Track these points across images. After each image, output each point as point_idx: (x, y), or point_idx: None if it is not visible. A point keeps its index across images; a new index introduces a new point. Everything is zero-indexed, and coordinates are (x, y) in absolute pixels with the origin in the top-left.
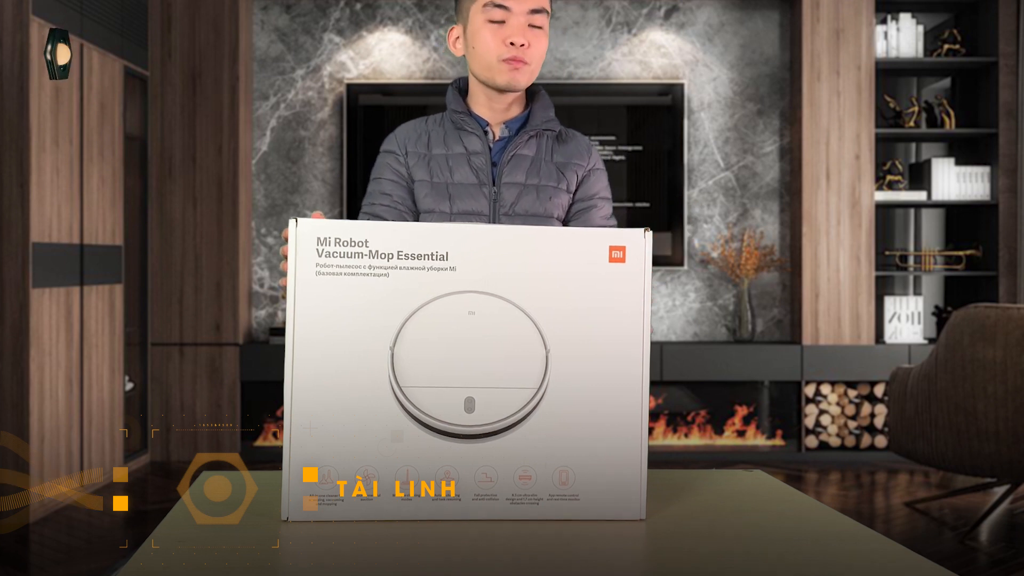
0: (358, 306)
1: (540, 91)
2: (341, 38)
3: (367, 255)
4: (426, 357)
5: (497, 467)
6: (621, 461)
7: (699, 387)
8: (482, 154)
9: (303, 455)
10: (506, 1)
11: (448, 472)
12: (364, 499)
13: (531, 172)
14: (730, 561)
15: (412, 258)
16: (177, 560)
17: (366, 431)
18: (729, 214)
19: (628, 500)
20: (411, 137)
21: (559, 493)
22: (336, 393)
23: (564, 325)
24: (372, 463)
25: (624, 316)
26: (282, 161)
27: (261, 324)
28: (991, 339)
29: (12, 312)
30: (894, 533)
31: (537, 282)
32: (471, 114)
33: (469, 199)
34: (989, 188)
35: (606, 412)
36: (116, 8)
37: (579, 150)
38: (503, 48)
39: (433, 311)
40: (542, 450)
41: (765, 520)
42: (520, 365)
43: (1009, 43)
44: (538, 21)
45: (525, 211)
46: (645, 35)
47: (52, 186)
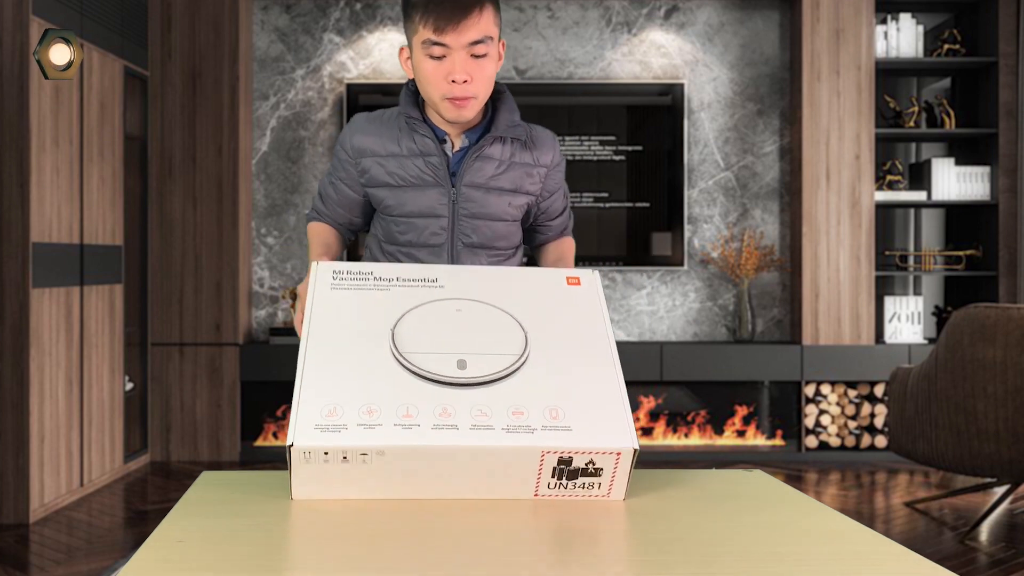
0: (364, 306)
1: (503, 92)
2: (341, 38)
3: (371, 278)
4: (422, 332)
5: (491, 406)
6: (605, 399)
7: (699, 387)
8: (437, 155)
9: (312, 394)
10: (443, 39)
11: (445, 408)
12: (367, 427)
13: (495, 174)
14: (730, 561)
15: (408, 281)
16: (177, 560)
17: (370, 380)
18: (729, 214)
19: (619, 431)
20: (366, 135)
21: (551, 425)
22: (344, 360)
23: (537, 316)
24: (375, 400)
25: (585, 304)
26: (282, 161)
27: (261, 324)
28: (991, 339)
29: (12, 312)
30: (894, 533)
31: (513, 294)
32: (426, 121)
33: (426, 200)
34: (989, 188)
35: (584, 364)
36: (116, 8)
37: (544, 150)
38: (445, 86)
39: (427, 309)
40: (531, 394)
41: (765, 520)
42: (503, 337)
43: (1009, 43)
44: (480, 51)
45: (486, 213)
46: (645, 35)
47: (52, 186)
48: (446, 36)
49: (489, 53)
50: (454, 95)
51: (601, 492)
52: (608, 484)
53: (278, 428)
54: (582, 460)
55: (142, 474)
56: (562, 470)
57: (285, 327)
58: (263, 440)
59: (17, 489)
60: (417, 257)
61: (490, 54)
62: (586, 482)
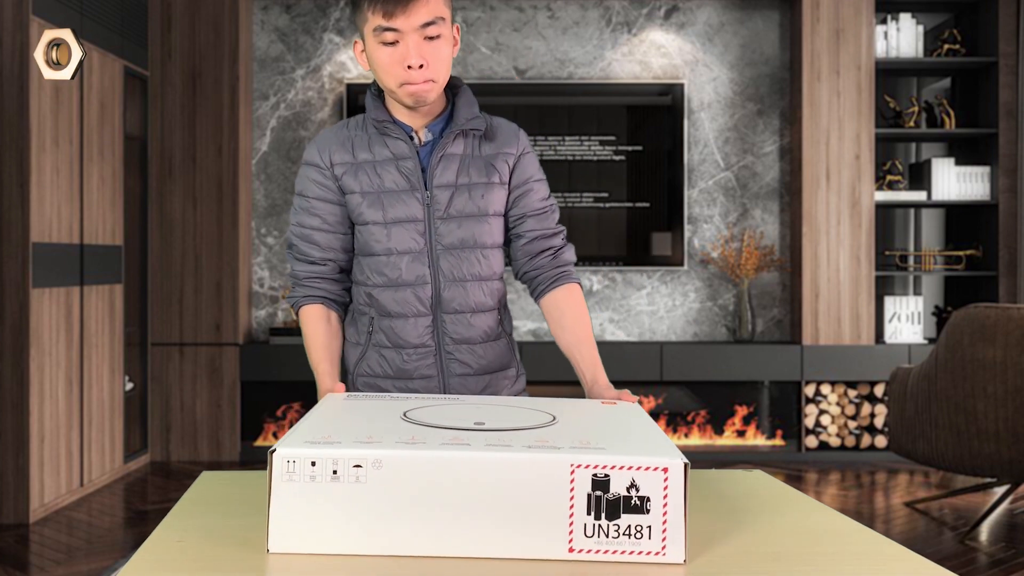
0: (378, 404)
1: (461, 86)
2: (341, 38)
3: (387, 398)
4: (437, 412)
5: (511, 438)
6: (643, 430)
7: (699, 387)
8: (410, 158)
9: (307, 425)
10: (394, 23)
11: (457, 436)
12: (364, 443)
13: (461, 171)
14: (730, 561)
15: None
16: (177, 560)
17: (375, 422)
18: (729, 214)
19: (661, 450)
20: (334, 145)
21: (581, 446)
22: (351, 413)
23: (568, 408)
24: (376, 431)
25: (625, 410)
26: (282, 161)
27: (261, 324)
28: (991, 339)
29: (12, 312)
30: (894, 533)
31: (542, 403)
32: (394, 120)
33: (402, 205)
34: (989, 188)
35: (614, 418)
36: (116, 8)
37: (507, 139)
38: (401, 72)
39: (446, 402)
40: (557, 432)
41: (765, 520)
42: (528, 415)
43: (1009, 43)
44: (432, 31)
45: (460, 212)
46: (645, 35)
47: (52, 186)
48: (396, 20)
49: (443, 35)
50: (411, 80)
51: (653, 546)
52: (660, 527)
53: (278, 428)
54: (622, 483)
55: (142, 474)
56: (599, 499)
57: (285, 327)
58: (263, 440)
59: (17, 489)
60: (398, 265)
61: (444, 36)
62: (632, 524)
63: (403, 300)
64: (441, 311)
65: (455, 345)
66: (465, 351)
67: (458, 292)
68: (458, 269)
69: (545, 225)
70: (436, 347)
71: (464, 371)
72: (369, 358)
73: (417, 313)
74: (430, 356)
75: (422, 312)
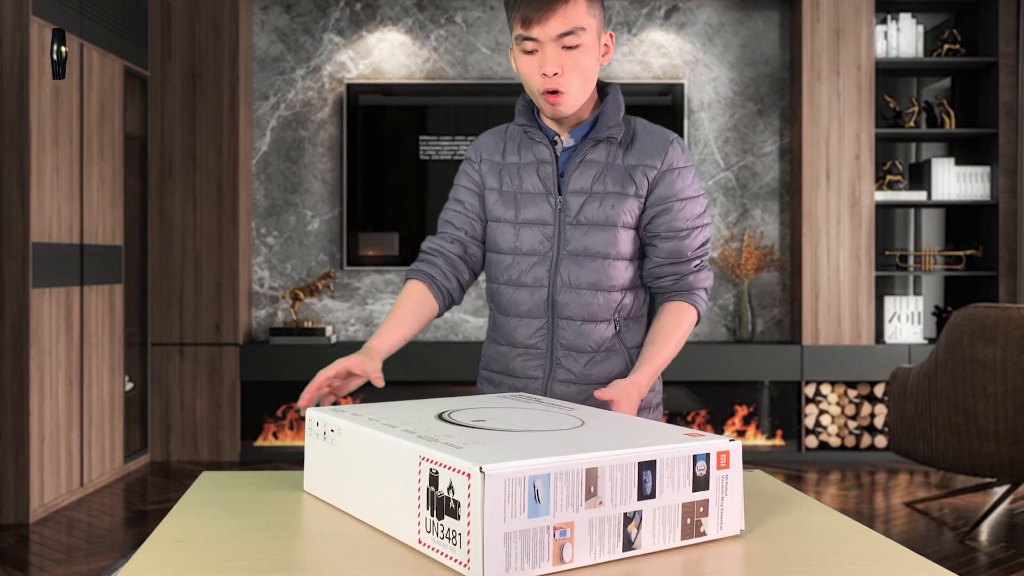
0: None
1: (611, 91)
2: (341, 38)
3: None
4: (476, 411)
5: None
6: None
7: (699, 387)
8: (549, 163)
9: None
10: (532, 32)
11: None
12: (347, 416)
13: (597, 179)
14: (729, 561)
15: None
16: (177, 560)
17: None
18: (729, 214)
19: (497, 456)
20: (489, 145)
21: (469, 443)
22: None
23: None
24: (382, 416)
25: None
26: (282, 161)
27: (261, 324)
28: (991, 339)
29: (12, 312)
30: (894, 533)
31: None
32: (539, 126)
33: (534, 207)
34: (989, 188)
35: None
36: (116, 8)
37: (652, 151)
38: (539, 80)
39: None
40: (558, 433)
41: (765, 520)
42: (561, 419)
43: (1009, 43)
44: (570, 42)
45: (589, 219)
46: (645, 35)
47: (52, 186)
48: (533, 29)
49: (583, 44)
50: (547, 88)
51: (460, 555)
52: (466, 536)
53: (278, 428)
54: (445, 482)
55: (142, 474)
56: (431, 494)
57: (285, 327)
58: (263, 440)
59: (17, 489)
60: (520, 265)
61: (584, 45)
62: (449, 528)
63: (520, 300)
64: (556, 316)
65: (564, 351)
66: (572, 358)
67: (572, 298)
68: (576, 276)
69: (678, 250)
70: (547, 350)
71: (567, 378)
72: (488, 353)
73: (532, 315)
74: (539, 358)
75: (536, 314)
